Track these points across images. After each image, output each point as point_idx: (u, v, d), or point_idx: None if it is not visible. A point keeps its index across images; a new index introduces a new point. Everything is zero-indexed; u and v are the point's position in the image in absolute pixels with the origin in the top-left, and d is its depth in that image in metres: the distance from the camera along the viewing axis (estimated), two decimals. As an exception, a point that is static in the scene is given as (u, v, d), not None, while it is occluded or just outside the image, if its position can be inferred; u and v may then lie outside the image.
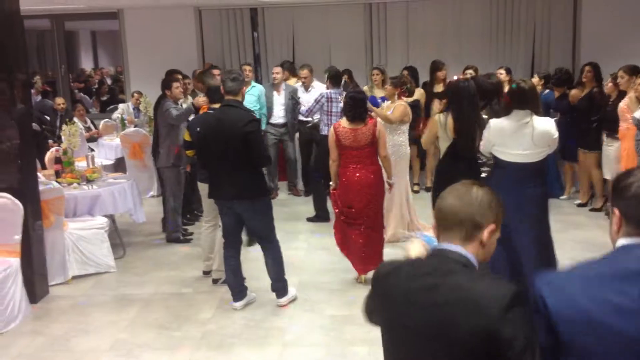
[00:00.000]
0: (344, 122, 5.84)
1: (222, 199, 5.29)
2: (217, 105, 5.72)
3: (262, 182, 5.38)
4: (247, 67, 8.89)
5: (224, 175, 5.16)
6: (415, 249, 2.41)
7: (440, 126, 5.45)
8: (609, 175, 7.58)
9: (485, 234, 1.99)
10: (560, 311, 1.78)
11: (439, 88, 8.82)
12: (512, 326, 1.80)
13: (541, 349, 1.82)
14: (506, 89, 5.90)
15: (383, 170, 6.00)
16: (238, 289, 5.48)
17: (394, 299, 2.02)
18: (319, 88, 8.95)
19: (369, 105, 6.42)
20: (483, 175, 5.31)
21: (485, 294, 1.86)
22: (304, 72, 9.03)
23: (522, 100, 4.89)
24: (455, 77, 6.94)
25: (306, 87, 9.01)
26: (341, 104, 6.61)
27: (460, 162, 5.30)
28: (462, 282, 1.91)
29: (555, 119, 6.69)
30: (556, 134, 4.95)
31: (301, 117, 8.90)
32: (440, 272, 1.95)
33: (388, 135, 6.64)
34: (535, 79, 8.38)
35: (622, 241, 1.85)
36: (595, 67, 8.06)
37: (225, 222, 5.39)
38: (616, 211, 1.87)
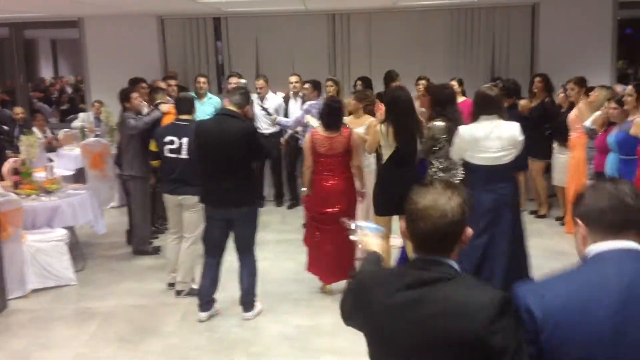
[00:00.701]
0: (320, 129, 5.91)
1: (221, 207, 5.24)
2: (187, 116, 5.80)
3: (255, 190, 5.52)
4: (202, 79, 8.80)
5: (222, 183, 5.16)
6: (374, 243, 2.40)
7: (382, 135, 5.61)
8: (557, 182, 7.81)
9: (463, 238, 1.98)
10: (546, 322, 1.80)
11: None
12: (501, 334, 1.79)
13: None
14: (459, 99, 6.02)
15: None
16: (208, 299, 5.43)
17: (377, 315, 1.98)
18: (273, 99, 8.94)
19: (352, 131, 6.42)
20: (457, 180, 5.47)
21: (472, 303, 1.84)
22: (259, 83, 8.97)
23: (489, 106, 5.13)
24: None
25: (261, 98, 8.93)
26: None
27: (402, 168, 5.51)
28: (448, 292, 1.89)
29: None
30: (521, 137, 5.18)
31: (264, 130, 8.78)
32: (423, 283, 1.92)
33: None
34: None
35: (592, 248, 1.89)
36: (546, 78, 8.28)
37: (212, 232, 5.35)
38: (579, 221, 1.93)
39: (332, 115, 5.86)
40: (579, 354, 1.77)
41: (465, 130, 5.13)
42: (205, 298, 5.42)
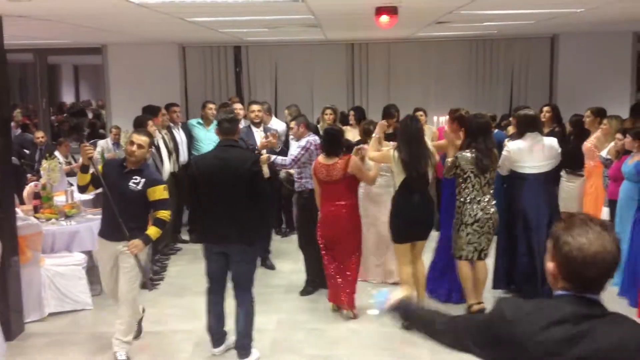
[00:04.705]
0: (321, 157, 6.04)
1: (219, 243, 5.04)
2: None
3: (258, 227, 5.27)
4: (212, 106, 8.80)
5: (224, 218, 4.94)
6: (396, 294, 2.37)
7: (394, 161, 5.71)
8: (563, 207, 7.80)
9: None
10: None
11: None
12: None
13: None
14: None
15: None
16: (219, 335, 5.30)
17: (525, 349, 1.90)
18: (276, 126, 8.28)
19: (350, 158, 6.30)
20: (486, 215, 5.67)
21: (634, 339, 1.83)
22: (253, 107, 7.93)
23: (531, 124, 6.11)
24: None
25: (256, 124, 7.85)
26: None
27: (414, 194, 5.68)
28: (609, 328, 1.85)
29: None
30: (560, 149, 6.23)
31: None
32: (582, 317, 1.86)
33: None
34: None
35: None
36: (555, 108, 8.38)
37: (212, 269, 5.15)
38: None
39: (330, 142, 6.01)
40: None
41: (514, 145, 6.08)
42: (216, 335, 5.29)
